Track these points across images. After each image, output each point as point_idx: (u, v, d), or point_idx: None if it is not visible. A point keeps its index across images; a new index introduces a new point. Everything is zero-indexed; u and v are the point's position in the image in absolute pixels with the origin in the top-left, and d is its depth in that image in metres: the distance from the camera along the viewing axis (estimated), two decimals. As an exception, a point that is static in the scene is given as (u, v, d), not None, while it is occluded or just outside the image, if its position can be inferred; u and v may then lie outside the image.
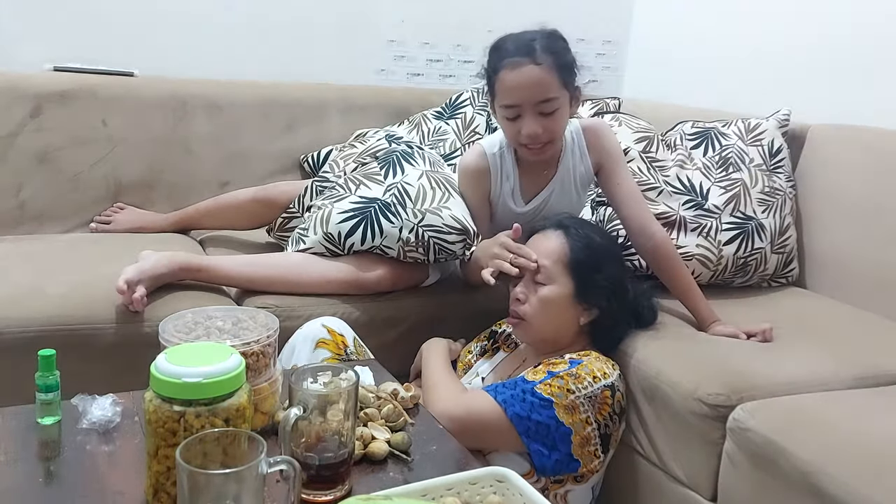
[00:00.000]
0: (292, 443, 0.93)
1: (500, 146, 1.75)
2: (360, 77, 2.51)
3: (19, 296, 1.52)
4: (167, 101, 2.17)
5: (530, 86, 1.58)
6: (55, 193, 2.06)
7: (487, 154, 1.75)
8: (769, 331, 1.59)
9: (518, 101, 1.59)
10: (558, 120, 1.62)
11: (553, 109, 1.60)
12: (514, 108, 1.60)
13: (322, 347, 1.44)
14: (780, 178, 1.99)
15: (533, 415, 1.35)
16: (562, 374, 1.38)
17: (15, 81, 2.03)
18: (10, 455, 1.01)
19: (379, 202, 1.73)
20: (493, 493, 0.91)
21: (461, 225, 1.71)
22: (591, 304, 1.49)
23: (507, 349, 1.63)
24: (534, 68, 1.57)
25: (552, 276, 1.48)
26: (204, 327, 1.07)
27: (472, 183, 1.77)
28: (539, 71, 1.57)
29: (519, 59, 1.58)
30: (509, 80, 1.59)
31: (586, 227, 1.57)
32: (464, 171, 1.80)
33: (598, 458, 1.41)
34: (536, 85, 1.58)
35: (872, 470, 1.13)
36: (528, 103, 1.59)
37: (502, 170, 1.75)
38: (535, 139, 1.61)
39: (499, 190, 1.76)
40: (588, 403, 1.38)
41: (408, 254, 1.73)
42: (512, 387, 1.40)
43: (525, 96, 1.58)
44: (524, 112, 1.60)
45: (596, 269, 1.49)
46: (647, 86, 2.73)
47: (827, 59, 2.13)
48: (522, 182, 1.76)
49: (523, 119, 1.60)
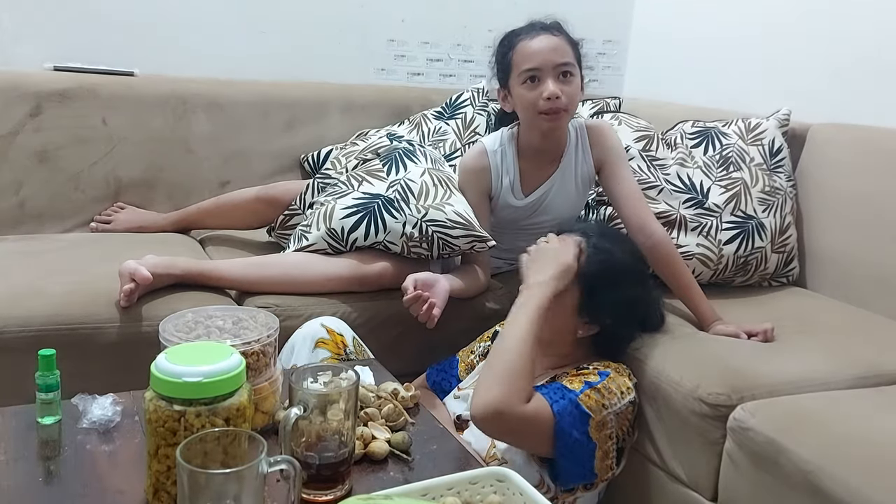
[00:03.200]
0: (292, 442, 0.93)
1: (502, 142, 1.78)
2: (361, 76, 2.51)
3: (19, 296, 1.52)
4: (167, 101, 2.17)
5: (551, 49, 1.65)
6: (55, 193, 2.06)
7: (488, 152, 1.77)
8: (770, 331, 1.59)
9: (539, 64, 1.65)
10: (574, 89, 1.68)
11: (570, 76, 1.67)
12: (535, 71, 1.65)
13: (321, 347, 1.44)
14: (780, 178, 1.99)
15: (573, 431, 1.30)
16: (598, 385, 1.34)
17: (15, 81, 2.03)
18: (10, 454, 1.01)
19: (382, 198, 1.74)
20: (493, 493, 0.91)
21: (465, 220, 1.72)
22: (594, 320, 1.44)
23: None
24: (552, 36, 1.67)
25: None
26: (204, 327, 1.07)
27: (472, 180, 1.79)
28: (557, 39, 1.67)
29: (536, 31, 1.68)
30: (531, 45, 1.67)
31: (612, 239, 1.51)
32: (463, 169, 1.81)
33: (612, 470, 1.39)
34: (556, 49, 1.66)
35: (873, 470, 1.13)
36: (548, 65, 1.65)
37: (503, 166, 1.77)
38: (556, 101, 1.64)
39: (499, 186, 1.78)
40: (614, 419, 1.35)
41: (412, 249, 1.73)
42: (560, 395, 1.32)
43: (546, 58, 1.65)
44: (544, 75, 1.65)
45: (608, 286, 1.42)
46: (647, 85, 2.73)
47: (827, 59, 2.12)
48: (523, 176, 1.78)
49: (543, 83, 1.65)
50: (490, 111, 2.38)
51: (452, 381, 1.63)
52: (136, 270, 1.53)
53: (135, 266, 1.54)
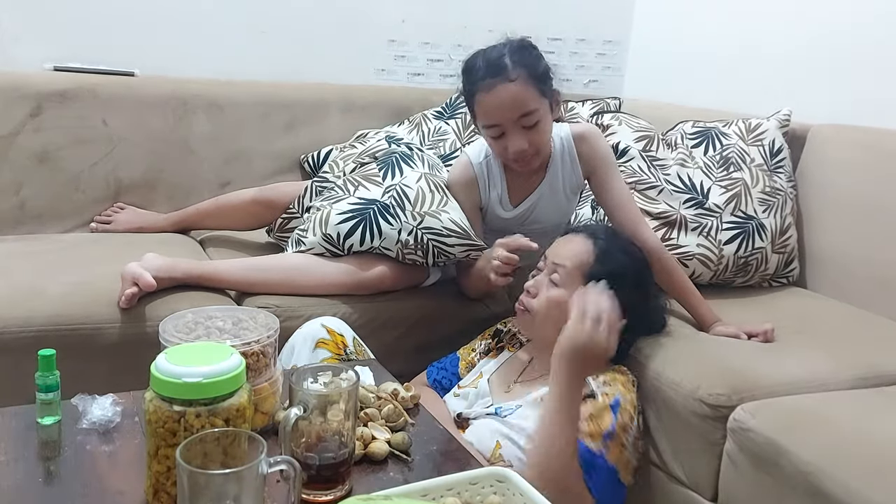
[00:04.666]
0: (292, 443, 0.93)
1: (486, 154, 1.75)
2: (361, 77, 2.50)
3: (19, 296, 1.52)
4: (167, 101, 2.17)
5: (508, 104, 1.57)
6: (55, 193, 2.06)
7: (473, 164, 1.76)
8: (770, 331, 1.58)
9: (499, 121, 1.60)
10: (542, 130, 1.63)
11: (534, 122, 1.60)
12: (497, 127, 1.61)
13: (322, 347, 1.44)
14: (780, 178, 1.98)
15: (611, 494, 1.30)
16: (615, 431, 1.31)
17: (15, 81, 2.03)
18: (10, 455, 1.01)
19: (378, 204, 1.73)
20: (493, 493, 0.91)
21: (460, 228, 1.71)
22: None
23: (512, 349, 1.61)
24: (508, 86, 1.57)
25: (566, 280, 1.43)
26: (204, 327, 1.07)
27: (462, 193, 1.77)
28: (514, 87, 1.57)
29: (491, 81, 1.58)
30: (486, 102, 1.59)
31: (618, 242, 1.51)
32: (453, 184, 1.79)
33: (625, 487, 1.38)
34: (513, 102, 1.57)
35: (873, 470, 1.13)
36: (508, 121, 1.59)
37: (489, 178, 1.76)
38: (523, 154, 1.62)
39: (487, 197, 1.77)
40: (633, 448, 1.34)
41: (406, 256, 1.73)
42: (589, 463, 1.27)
43: (505, 115, 1.59)
44: (507, 129, 1.60)
45: (613, 287, 1.39)
46: (647, 86, 2.73)
47: (827, 59, 2.12)
48: (510, 187, 1.76)
49: (508, 136, 1.61)
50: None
51: (453, 380, 1.62)
52: (141, 276, 1.53)
53: (139, 271, 1.54)
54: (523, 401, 1.42)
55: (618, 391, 1.36)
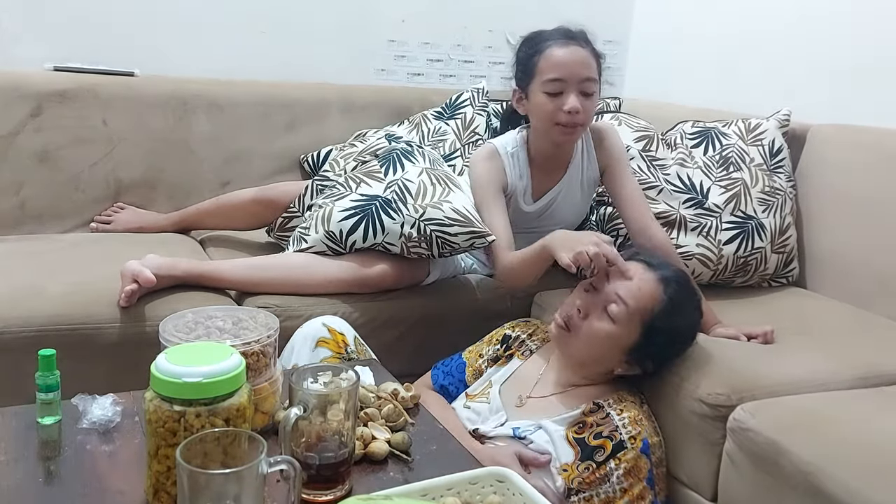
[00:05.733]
0: (292, 443, 0.93)
1: (515, 145, 1.78)
2: (361, 77, 2.50)
3: (19, 296, 1.52)
4: (168, 101, 2.17)
5: (579, 62, 1.66)
6: (55, 193, 2.06)
7: (501, 153, 1.78)
8: (770, 333, 1.58)
9: (566, 76, 1.65)
10: (592, 105, 1.69)
11: (592, 91, 1.67)
12: (560, 82, 1.66)
13: (322, 346, 1.43)
14: (780, 178, 1.98)
15: None
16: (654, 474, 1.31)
17: (15, 81, 2.03)
18: (10, 455, 1.01)
19: (380, 199, 1.73)
20: (493, 493, 0.91)
21: (463, 217, 1.71)
22: (638, 363, 1.40)
23: (521, 356, 1.54)
24: (581, 48, 1.68)
25: (623, 319, 1.35)
26: (204, 327, 1.07)
27: (488, 172, 1.76)
28: (585, 52, 1.68)
29: (566, 40, 1.68)
30: (559, 54, 1.66)
31: (686, 293, 1.43)
32: (478, 162, 1.78)
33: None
34: (584, 62, 1.66)
35: (873, 470, 1.13)
36: (574, 79, 1.65)
37: (516, 169, 1.78)
38: (575, 115, 1.65)
39: (514, 185, 1.79)
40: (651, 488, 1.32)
41: (411, 249, 1.72)
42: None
43: (573, 71, 1.65)
44: (568, 88, 1.65)
45: (666, 340, 1.40)
46: (647, 86, 2.73)
47: (827, 59, 2.12)
48: (533, 181, 1.79)
49: (566, 95, 1.65)
50: (490, 111, 2.38)
51: (460, 387, 1.57)
52: (140, 273, 1.53)
53: (139, 268, 1.54)
54: (541, 422, 1.37)
55: (642, 430, 1.33)
